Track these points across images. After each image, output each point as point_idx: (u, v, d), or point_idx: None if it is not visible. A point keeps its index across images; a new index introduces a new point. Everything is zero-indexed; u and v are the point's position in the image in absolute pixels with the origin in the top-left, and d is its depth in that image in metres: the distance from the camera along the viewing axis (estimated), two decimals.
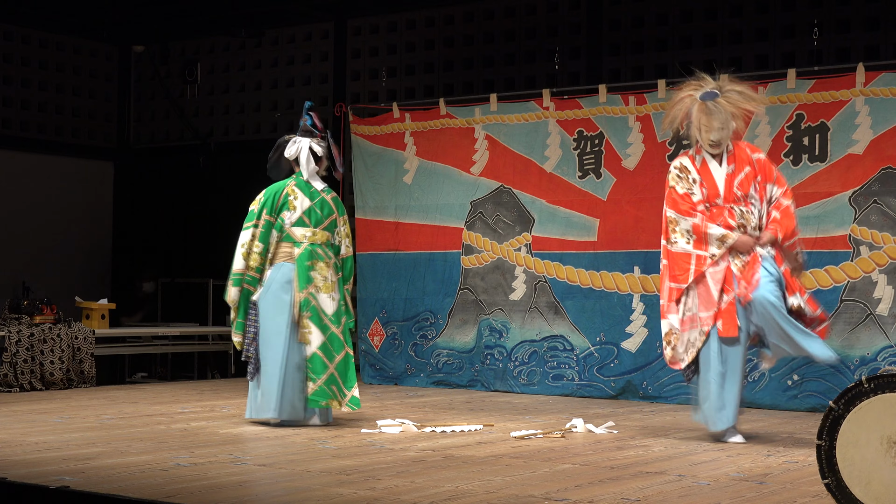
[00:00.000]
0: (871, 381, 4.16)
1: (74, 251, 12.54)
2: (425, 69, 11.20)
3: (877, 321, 8.14)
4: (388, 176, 10.31)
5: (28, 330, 9.39)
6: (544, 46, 10.55)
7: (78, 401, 8.49)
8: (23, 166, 12.14)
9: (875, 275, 8.17)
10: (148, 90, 13.03)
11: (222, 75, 12.51)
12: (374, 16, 11.52)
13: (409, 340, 10.12)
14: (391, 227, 10.28)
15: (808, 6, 9.43)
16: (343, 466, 5.48)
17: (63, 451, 5.86)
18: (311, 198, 7.27)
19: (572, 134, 9.47)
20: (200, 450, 5.96)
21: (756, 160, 6.64)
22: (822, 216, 8.36)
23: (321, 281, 7.13)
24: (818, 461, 4.24)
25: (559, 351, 9.39)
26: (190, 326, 11.24)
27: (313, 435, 6.66)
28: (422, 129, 10.21)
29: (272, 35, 12.14)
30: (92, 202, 12.84)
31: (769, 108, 8.61)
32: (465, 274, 9.91)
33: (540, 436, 6.69)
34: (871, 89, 8.25)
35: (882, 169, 8.22)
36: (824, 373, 8.24)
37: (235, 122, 12.44)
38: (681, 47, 9.94)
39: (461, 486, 4.97)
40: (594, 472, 5.41)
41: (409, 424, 6.92)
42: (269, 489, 4.90)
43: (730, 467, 5.61)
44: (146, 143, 13.07)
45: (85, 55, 12.73)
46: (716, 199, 6.56)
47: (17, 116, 12.19)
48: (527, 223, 9.63)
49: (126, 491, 4.69)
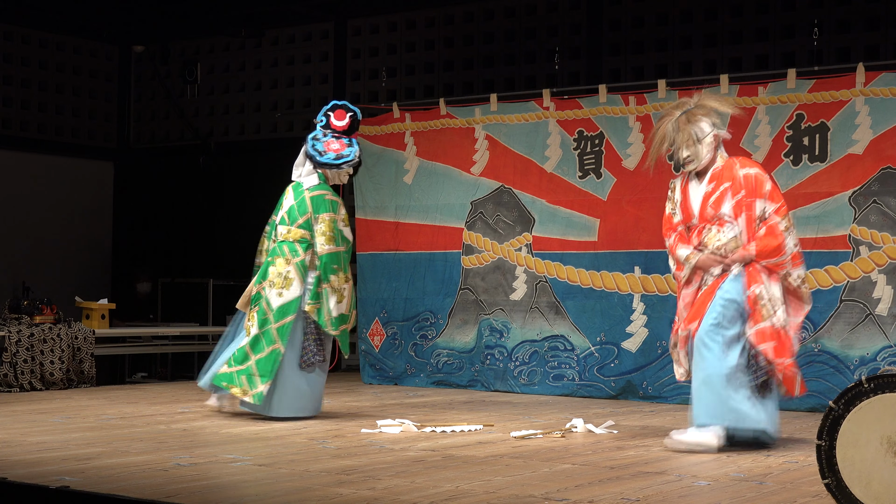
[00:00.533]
0: (871, 381, 4.16)
1: (74, 251, 12.55)
2: (425, 69, 11.20)
3: (876, 321, 8.14)
4: (388, 176, 10.31)
5: (28, 330, 9.39)
6: (544, 46, 10.55)
7: (78, 401, 8.49)
8: (23, 166, 12.15)
9: (875, 275, 8.17)
10: (148, 90, 13.04)
11: (222, 75, 12.51)
12: (374, 16, 11.52)
13: (409, 340, 10.12)
14: (391, 227, 10.28)
15: (808, 6, 9.43)
16: (343, 466, 5.48)
17: (63, 451, 5.86)
18: (295, 197, 7.52)
19: (572, 134, 9.47)
20: (200, 450, 5.96)
21: (744, 176, 6.34)
22: (821, 216, 8.36)
23: (275, 277, 7.34)
24: (818, 461, 4.24)
25: (560, 351, 9.39)
26: (190, 326, 11.24)
27: (313, 435, 6.66)
28: (422, 129, 10.21)
29: (272, 35, 12.14)
30: (92, 202, 12.85)
31: (769, 108, 8.62)
32: (465, 274, 9.91)
33: (540, 436, 6.69)
34: (871, 89, 8.25)
35: (882, 169, 8.22)
36: (824, 373, 8.25)
37: (235, 122, 12.45)
38: (681, 47, 9.94)
39: (461, 486, 4.97)
40: (594, 472, 5.41)
41: (409, 424, 6.92)
42: (269, 489, 4.90)
43: (730, 467, 5.61)
44: (146, 143, 13.07)
45: (85, 55, 12.73)
46: (691, 219, 6.46)
47: (17, 116, 12.19)
48: (527, 223, 9.63)
49: (126, 491, 4.70)
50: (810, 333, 8.33)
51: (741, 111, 7.05)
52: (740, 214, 6.33)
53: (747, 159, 6.69)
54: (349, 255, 7.56)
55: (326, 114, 7.64)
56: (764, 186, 6.36)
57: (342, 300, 7.38)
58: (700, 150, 6.42)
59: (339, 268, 7.39)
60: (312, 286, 7.34)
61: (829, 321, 8.29)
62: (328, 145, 7.56)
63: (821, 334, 8.31)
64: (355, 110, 7.69)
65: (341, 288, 7.37)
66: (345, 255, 7.47)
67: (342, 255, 7.43)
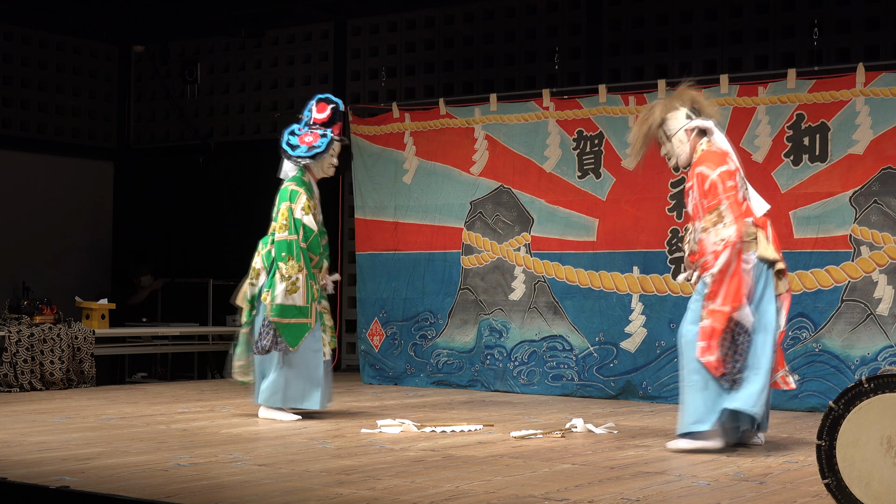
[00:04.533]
0: (871, 381, 4.16)
1: (74, 251, 12.55)
2: (425, 69, 11.20)
3: (877, 321, 8.14)
4: (387, 176, 10.31)
5: (28, 330, 9.39)
6: (544, 46, 10.55)
7: (78, 401, 8.49)
8: (23, 166, 12.15)
9: (875, 275, 8.17)
10: (148, 90, 13.04)
11: (222, 75, 12.51)
12: (374, 16, 11.52)
13: (408, 340, 10.12)
14: (391, 227, 10.28)
15: (808, 6, 9.43)
16: (343, 466, 5.48)
17: (63, 451, 5.86)
18: None
19: (572, 134, 9.47)
20: (200, 450, 5.96)
21: (697, 174, 6.23)
22: (822, 216, 8.36)
23: (251, 270, 7.53)
24: (818, 461, 4.24)
25: (558, 351, 9.39)
26: (190, 326, 11.23)
27: (313, 435, 6.66)
28: (421, 129, 10.21)
29: (272, 35, 12.14)
30: (92, 202, 12.85)
31: (769, 108, 8.62)
32: (465, 274, 9.91)
33: (540, 436, 6.69)
34: (872, 89, 8.25)
35: (882, 169, 8.22)
36: (824, 373, 8.25)
37: (235, 122, 12.45)
38: (681, 47, 9.94)
39: (461, 486, 4.97)
40: (594, 472, 5.41)
41: (409, 424, 6.92)
42: (269, 489, 4.90)
43: (730, 467, 5.61)
44: (146, 143, 13.07)
45: (85, 55, 12.73)
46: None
47: (17, 116, 12.19)
48: (526, 223, 9.63)
49: (126, 491, 4.69)
50: (811, 333, 8.33)
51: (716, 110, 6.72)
52: (698, 215, 6.27)
53: (708, 152, 6.30)
54: (312, 245, 7.39)
55: (310, 109, 7.64)
56: (706, 183, 6.18)
57: (294, 290, 7.29)
58: (672, 148, 6.40)
59: (288, 255, 7.31)
60: (270, 275, 7.38)
61: (829, 321, 8.29)
62: (302, 139, 7.56)
63: (822, 334, 8.31)
64: (337, 102, 7.62)
65: (291, 276, 7.29)
66: (296, 244, 7.32)
67: (294, 244, 7.32)
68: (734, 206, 6.14)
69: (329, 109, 7.58)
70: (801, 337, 8.37)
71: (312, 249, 7.41)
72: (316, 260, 7.46)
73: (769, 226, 6.29)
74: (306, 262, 7.37)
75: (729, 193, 6.14)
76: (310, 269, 7.39)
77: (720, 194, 6.13)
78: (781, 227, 8.49)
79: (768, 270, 6.21)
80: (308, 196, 7.43)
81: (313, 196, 7.50)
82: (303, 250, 7.37)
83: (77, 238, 12.59)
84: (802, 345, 8.37)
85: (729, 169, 6.22)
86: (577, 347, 9.31)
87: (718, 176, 6.17)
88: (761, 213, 6.31)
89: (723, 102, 8.41)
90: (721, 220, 6.12)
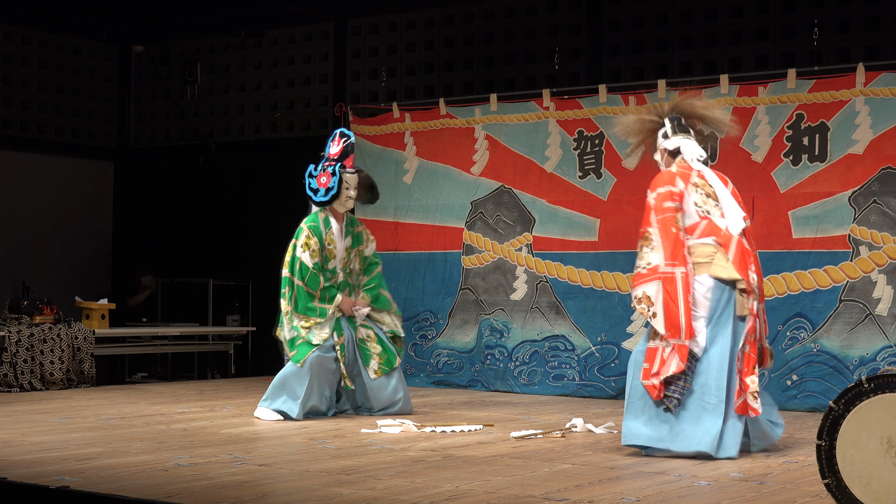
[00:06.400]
0: (871, 381, 4.17)
1: (74, 251, 12.54)
2: (425, 69, 11.19)
3: (876, 321, 8.14)
4: (387, 176, 10.31)
5: (28, 330, 9.39)
6: (544, 46, 10.55)
7: (78, 401, 8.49)
8: (23, 166, 12.14)
9: (874, 275, 8.18)
10: (148, 90, 13.03)
11: (222, 75, 12.50)
12: (374, 16, 11.51)
13: (409, 340, 10.10)
14: (391, 227, 10.28)
15: (808, 6, 9.42)
16: (343, 466, 5.48)
17: (63, 451, 5.86)
18: None
19: (572, 134, 9.47)
20: (200, 450, 5.96)
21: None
22: (821, 216, 8.37)
23: None
24: (818, 461, 4.24)
25: (560, 351, 9.39)
26: (190, 326, 11.23)
27: (313, 435, 6.66)
28: (422, 129, 10.21)
29: (272, 35, 12.14)
30: (92, 202, 12.84)
31: (769, 108, 8.62)
32: (465, 274, 9.91)
33: (540, 436, 6.69)
34: (871, 89, 8.25)
35: (882, 169, 8.22)
36: (824, 373, 8.26)
37: (235, 122, 12.44)
38: (681, 47, 9.94)
39: (461, 486, 4.97)
40: (594, 472, 5.41)
41: (409, 424, 6.92)
42: (269, 489, 4.90)
43: (730, 467, 5.61)
44: (146, 143, 13.07)
45: (85, 55, 12.73)
46: None
47: (17, 116, 12.19)
48: (527, 223, 9.63)
49: (126, 491, 4.70)
50: (809, 333, 8.33)
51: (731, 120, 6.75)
52: None
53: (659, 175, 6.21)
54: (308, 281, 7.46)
55: (329, 143, 7.80)
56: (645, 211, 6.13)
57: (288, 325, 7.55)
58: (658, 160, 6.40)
59: (285, 292, 7.54)
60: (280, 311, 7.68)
61: (828, 321, 8.29)
62: (319, 180, 7.66)
63: (820, 334, 8.31)
64: (349, 135, 7.77)
65: (288, 313, 7.53)
66: (291, 281, 7.49)
67: (287, 280, 7.52)
68: (664, 229, 6.00)
69: (342, 144, 7.70)
70: (799, 337, 8.37)
71: (310, 285, 7.49)
72: (317, 295, 7.51)
73: (737, 243, 6.01)
74: (300, 298, 7.45)
75: (664, 216, 6.01)
76: (303, 305, 7.45)
77: (651, 217, 6.04)
78: (780, 227, 8.51)
79: (732, 291, 5.97)
80: (311, 233, 7.55)
81: (328, 232, 7.61)
82: (299, 287, 7.48)
83: (77, 238, 12.58)
84: (800, 345, 8.37)
85: (670, 190, 6.07)
86: (579, 347, 9.31)
87: (655, 199, 6.08)
88: (737, 231, 6.05)
89: (723, 102, 8.39)
90: (648, 244, 6.03)
